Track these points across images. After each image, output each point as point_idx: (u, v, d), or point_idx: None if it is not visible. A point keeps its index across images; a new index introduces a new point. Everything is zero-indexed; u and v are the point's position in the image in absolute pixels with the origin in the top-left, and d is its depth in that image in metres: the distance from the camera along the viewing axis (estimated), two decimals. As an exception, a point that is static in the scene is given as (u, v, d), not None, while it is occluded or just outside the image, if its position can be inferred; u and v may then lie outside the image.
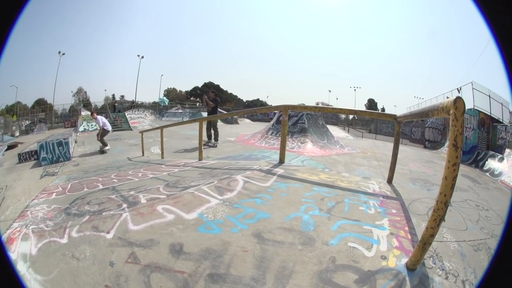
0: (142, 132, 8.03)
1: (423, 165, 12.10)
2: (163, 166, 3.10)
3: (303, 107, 5.46)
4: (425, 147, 25.24)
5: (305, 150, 9.80)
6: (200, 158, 4.19)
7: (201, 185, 1.95)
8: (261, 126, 12.80)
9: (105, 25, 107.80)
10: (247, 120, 24.91)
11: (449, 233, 4.86)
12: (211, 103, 9.16)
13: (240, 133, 12.93)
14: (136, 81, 39.90)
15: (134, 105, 30.28)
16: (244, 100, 70.95)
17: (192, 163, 3.34)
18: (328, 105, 62.20)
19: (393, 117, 2.71)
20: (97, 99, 47.22)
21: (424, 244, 1.51)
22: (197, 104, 47.72)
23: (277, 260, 1.34)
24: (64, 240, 1.82)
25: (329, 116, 39.74)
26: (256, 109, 8.45)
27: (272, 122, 11.82)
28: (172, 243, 1.39)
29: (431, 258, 3.71)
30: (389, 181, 3.28)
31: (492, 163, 18.12)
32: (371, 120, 39.55)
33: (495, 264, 1.29)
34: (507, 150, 17.43)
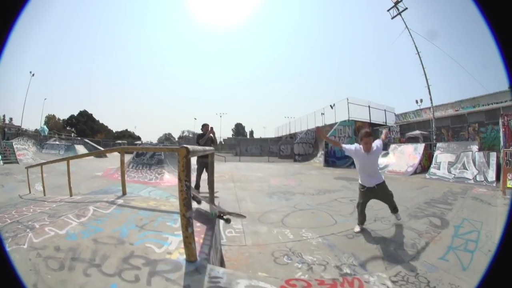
0: (27, 168, 8.16)
1: (287, 178, 13.80)
2: (45, 202, 3.69)
3: (136, 148, 5.93)
4: (295, 160, 28.27)
5: (162, 181, 10.85)
6: (71, 195, 5.02)
7: (68, 214, 2.82)
8: (128, 158, 13.34)
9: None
10: (116, 153, 23.77)
11: (310, 232, 5.43)
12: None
13: (108, 167, 13.81)
14: (24, 103, 36.95)
15: (20, 133, 27.71)
16: (114, 131, 70.93)
17: (65, 199, 4.02)
18: (194, 133, 65.08)
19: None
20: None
21: (187, 243, 2.13)
22: (72, 135, 44.97)
23: (103, 251, 2.18)
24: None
25: (191, 145, 40.70)
26: (98, 152, 9.09)
27: (132, 156, 12.58)
28: (54, 246, 2.14)
29: (286, 256, 4.30)
30: (211, 201, 3.92)
31: (374, 160, 20.34)
32: (236, 143, 41.53)
33: (495, 264, 1.45)
34: (392, 146, 21.01)
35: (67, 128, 62.52)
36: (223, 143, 51.21)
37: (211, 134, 8.33)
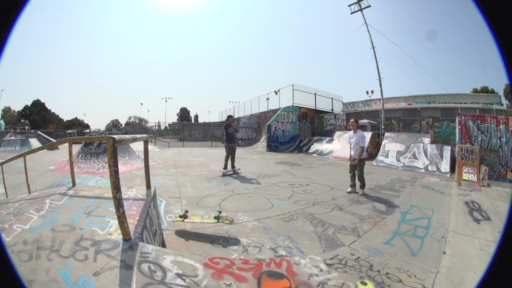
0: (-14, 170, 7.60)
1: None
2: (9, 204, 3.88)
3: (81, 139, 6.09)
4: (238, 145, 28.34)
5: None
6: (29, 192, 5.18)
7: (30, 209, 3.06)
8: (78, 148, 13.48)
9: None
10: (67, 144, 22.82)
11: (246, 215, 5.61)
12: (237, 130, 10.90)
13: (59, 159, 13.54)
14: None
15: (-22, 130, 26.60)
16: (64, 120, 70.20)
17: (25, 197, 4.18)
18: (141, 118, 69.45)
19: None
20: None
21: (120, 222, 2.48)
22: (26, 128, 43.38)
23: (59, 237, 2.43)
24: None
25: (136, 131, 41.39)
26: (50, 145, 9.11)
27: (81, 146, 12.72)
28: (22, 240, 2.42)
29: (222, 239, 4.45)
30: (148, 186, 4.22)
31: (318, 146, 20.96)
32: (180, 129, 42.86)
33: (495, 264, 1.46)
34: (337, 132, 21.87)
35: (22, 120, 60.27)
36: (168, 128, 51.13)
37: (236, 125, 11.08)
